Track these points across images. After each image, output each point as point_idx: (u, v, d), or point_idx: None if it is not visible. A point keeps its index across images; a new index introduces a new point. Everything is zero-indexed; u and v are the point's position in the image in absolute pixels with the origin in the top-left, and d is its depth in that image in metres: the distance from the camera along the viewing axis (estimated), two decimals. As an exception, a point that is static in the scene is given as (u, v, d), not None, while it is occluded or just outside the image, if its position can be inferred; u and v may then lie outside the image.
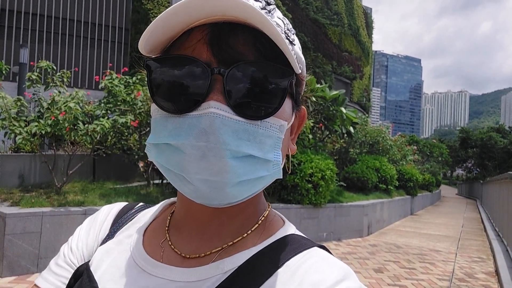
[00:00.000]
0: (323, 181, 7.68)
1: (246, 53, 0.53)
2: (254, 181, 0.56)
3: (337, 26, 21.82)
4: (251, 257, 0.59)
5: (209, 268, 0.58)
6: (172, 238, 0.65)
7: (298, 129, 0.67)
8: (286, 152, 0.62)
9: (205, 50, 0.54)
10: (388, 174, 11.62)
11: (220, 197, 0.55)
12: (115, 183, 7.40)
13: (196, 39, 0.55)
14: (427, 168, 21.00)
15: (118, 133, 6.85)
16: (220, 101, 0.52)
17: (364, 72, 24.85)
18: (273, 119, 0.55)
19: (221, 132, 0.51)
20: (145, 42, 0.55)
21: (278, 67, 0.54)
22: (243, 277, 0.56)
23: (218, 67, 0.53)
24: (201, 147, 0.51)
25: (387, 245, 8.62)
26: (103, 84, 6.66)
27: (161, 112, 0.56)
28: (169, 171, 0.56)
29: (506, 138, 36.23)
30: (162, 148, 0.56)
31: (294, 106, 0.62)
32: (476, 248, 9.21)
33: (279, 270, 0.57)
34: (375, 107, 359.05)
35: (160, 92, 0.56)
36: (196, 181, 0.53)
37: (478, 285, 6.01)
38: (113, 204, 0.79)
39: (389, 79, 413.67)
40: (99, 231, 0.73)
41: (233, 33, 0.54)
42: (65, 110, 5.38)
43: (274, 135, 0.55)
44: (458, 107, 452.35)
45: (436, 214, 16.15)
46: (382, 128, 13.50)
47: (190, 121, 0.52)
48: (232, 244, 0.61)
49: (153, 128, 0.58)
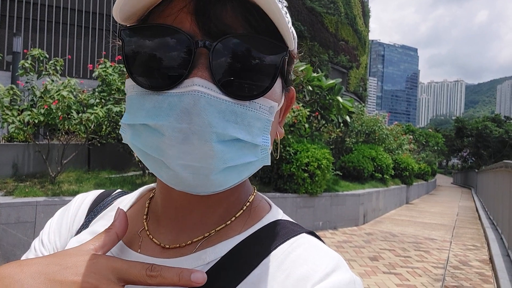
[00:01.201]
0: (319, 170, 7.68)
1: (235, 26, 0.48)
2: (241, 167, 0.51)
3: (334, 15, 21.68)
4: (235, 246, 0.54)
5: (190, 259, 0.54)
6: (150, 227, 0.61)
7: (286, 111, 0.61)
8: (274, 136, 0.57)
9: (189, 20, 0.48)
10: (384, 163, 11.65)
11: (204, 185, 0.50)
12: (110, 172, 7.37)
13: (178, 7, 0.48)
14: (422, 157, 21.07)
15: (113, 122, 6.80)
16: (206, 78, 0.47)
17: (361, 61, 24.79)
18: (263, 100, 0.50)
19: (206, 113, 0.45)
20: (120, 8, 0.49)
21: (271, 42, 0.49)
22: (227, 269, 0.52)
23: (204, 39, 0.47)
24: (183, 129, 0.45)
25: (383, 234, 8.67)
26: (96, 72, 6.59)
27: (137, 89, 0.50)
28: (146, 155, 0.51)
29: (501, 128, 36.39)
30: (138, 130, 0.50)
31: (284, 86, 0.57)
32: (470, 236, 9.29)
33: (265, 260, 0.53)
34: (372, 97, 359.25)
35: (136, 66, 0.50)
36: (177, 167, 0.48)
37: (472, 273, 6.06)
38: (88, 192, 0.74)
39: (385, 69, 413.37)
40: (72, 222, 0.69)
41: (221, 2, 0.48)
42: (58, 98, 5.33)
43: (264, 118, 0.51)
44: (454, 97, 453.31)
45: (432, 203, 16.26)
46: (378, 118, 13.50)
47: (171, 100, 0.46)
48: (215, 232, 0.57)
49: (128, 107, 0.52)
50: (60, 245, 0.67)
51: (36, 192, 5.25)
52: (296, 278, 0.50)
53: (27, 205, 4.88)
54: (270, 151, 0.54)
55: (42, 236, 0.69)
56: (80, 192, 5.71)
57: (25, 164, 6.54)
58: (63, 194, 5.38)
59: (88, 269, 0.43)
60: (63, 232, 0.68)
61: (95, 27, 10.77)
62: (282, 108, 0.59)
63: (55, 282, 0.43)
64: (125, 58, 0.51)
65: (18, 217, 4.80)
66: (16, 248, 4.77)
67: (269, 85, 0.50)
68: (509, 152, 34.43)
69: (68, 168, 6.52)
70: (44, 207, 4.99)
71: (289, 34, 0.49)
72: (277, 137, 0.59)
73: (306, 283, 0.49)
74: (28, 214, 4.87)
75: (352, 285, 0.50)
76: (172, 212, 0.59)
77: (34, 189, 5.35)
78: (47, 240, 0.68)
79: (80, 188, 5.70)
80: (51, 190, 5.44)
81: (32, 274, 0.43)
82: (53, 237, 0.68)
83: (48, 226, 0.71)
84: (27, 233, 4.84)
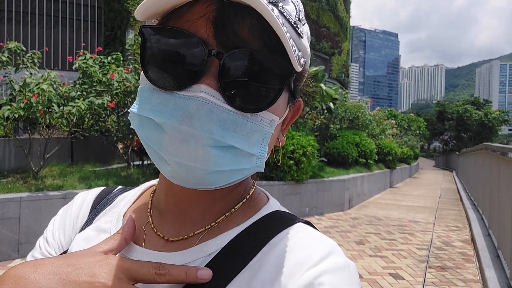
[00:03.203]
0: (304, 157, 7.74)
1: (249, 40, 0.50)
2: (234, 171, 0.54)
3: (315, 1, 21.61)
4: (235, 237, 0.57)
5: (192, 251, 0.57)
6: (154, 220, 0.63)
7: (291, 120, 0.64)
8: (273, 145, 0.60)
9: (207, 28, 0.50)
10: (367, 148, 11.78)
11: (195, 181, 0.53)
12: (94, 165, 7.29)
13: (199, 14, 0.51)
14: (405, 141, 21.35)
15: (95, 115, 6.69)
16: (213, 86, 0.49)
17: (343, 47, 24.83)
18: (265, 113, 0.53)
19: (207, 119, 0.48)
20: (144, 9, 0.51)
21: (279, 62, 0.51)
22: (228, 259, 0.55)
23: (217, 49, 0.50)
24: (183, 130, 0.48)
25: (368, 218, 8.82)
26: (77, 64, 6.47)
27: (148, 83, 0.53)
28: (148, 146, 0.54)
29: (480, 111, 37.10)
30: (144, 121, 0.53)
31: (290, 99, 0.59)
32: (453, 217, 9.52)
33: (264, 248, 0.55)
34: (354, 83, 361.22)
35: (150, 63, 0.53)
36: (174, 163, 0.51)
37: (455, 253, 6.23)
38: (90, 190, 0.76)
39: (367, 55, 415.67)
40: (76, 219, 0.71)
41: (240, 16, 0.50)
42: (38, 92, 5.22)
43: (263, 130, 0.53)
44: (435, 81, 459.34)
45: (415, 186, 16.56)
46: (361, 104, 13.60)
47: (177, 101, 0.49)
48: (216, 224, 0.59)
49: (139, 96, 0.55)
50: (65, 242, 0.68)
51: (19, 188, 5.17)
52: (293, 263, 0.53)
53: (11, 201, 4.81)
54: (266, 159, 0.57)
55: (46, 234, 0.71)
56: (64, 186, 5.62)
57: (6, 159, 6.41)
58: (46, 189, 5.31)
59: (99, 270, 0.45)
60: (67, 229, 0.70)
61: (73, 17, 10.51)
62: (287, 118, 0.62)
63: (68, 282, 0.45)
64: (141, 54, 0.53)
65: (2, 213, 4.73)
66: (2, 245, 4.70)
67: (271, 101, 0.52)
68: (489, 134, 35.22)
69: (50, 162, 6.42)
70: (28, 202, 4.93)
71: (293, 58, 0.50)
72: (278, 144, 0.62)
73: (302, 267, 0.52)
74: (12, 210, 4.80)
75: (346, 269, 0.53)
76: (174, 206, 0.61)
77: (17, 185, 5.26)
78: (51, 238, 0.69)
79: (64, 182, 5.63)
80: (34, 185, 5.35)
81: (46, 274, 0.45)
82: (57, 234, 0.69)
83: (52, 224, 0.72)
84: (13, 229, 4.77)
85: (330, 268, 0.51)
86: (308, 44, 0.58)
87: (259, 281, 0.53)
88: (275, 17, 0.47)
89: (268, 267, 0.53)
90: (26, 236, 4.85)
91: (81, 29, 10.59)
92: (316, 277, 0.50)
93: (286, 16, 0.52)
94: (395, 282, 4.79)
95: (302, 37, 0.55)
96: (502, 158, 5.80)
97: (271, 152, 0.62)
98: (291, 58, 0.50)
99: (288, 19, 0.53)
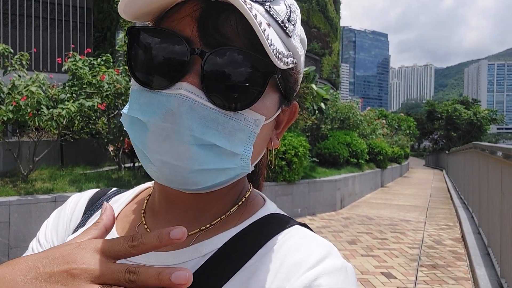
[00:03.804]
0: (296, 158, 7.75)
1: (233, 39, 0.50)
2: (218, 171, 0.53)
3: (305, 2, 21.68)
4: (231, 238, 0.57)
5: (187, 251, 0.56)
6: (148, 221, 0.62)
7: (287, 124, 0.64)
8: (264, 147, 0.60)
9: (191, 27, 0.51)
10: (358, 148, 11.84)
11: (179, 181, 0.53)
12: (84, 168, 7.23)
13: (185, 13, 0.51)
14: (395, 141, 21.48)
15: (85, 117, 6.64)
16: (195, 84, 0.49)
17: (333, 48, 24.92)
18: (249, 112, 0.52)
19: (187, 116, 0.48)
20: (124, 6, 0.51)
21: (262, 60, 0.51)
22: (223, 260, 0.54)
23: (200, 48, 0.50)
24: (166, 128, 0.49)
25: (360, 218, 8.86)
26: (66, 66, 6.40)
27: (136, 84, 0.53)
28: (136, 146, 0.55)
29: (469, 110, 37.49)
30: (133, 121, 0.54)
31: (283, 101, 0.59)
32: (443, 216, 9.60)
33: (260, 250, 0.55)
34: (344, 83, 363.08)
35: (137, 64, 0.53)
36: (157, 162, 0.51)
37: (446, 251, 6.28)
38: (83, 192, 0.76)
39: (357, 55, 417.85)
40: (69, 221, 0.70)
41: (224, 14, 0.50)
42: (27, 94, 5.16)
43: (247, 129, 0.53)
44: (424, 81, 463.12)
45: (405, 185, 16.68)
46: (352, 104, 13.66)
47: (160, 99, 0.50)
48: (211, 226, 0.59)
49: (130, 98, 0.55)
50: (58, 243, 0.67)
51: (9, 192, 5.11)
52: (290, 265, 0.53)
53: (0, 205, 4.74)
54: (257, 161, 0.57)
55: (39, 236, 0.70)
56: (55, 189, 5.56)
57: (-6, 163, 6.33)
58: (36, 192, 5.25)
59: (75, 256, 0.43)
60: (60, 231, 0.69)
61: (61, 19, 10.41)
62: (281, 121, 0.62)
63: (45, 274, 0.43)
64: (128, 55, 0.54)
65: (-9, 218, 4.66)
66: (-10, 250, 4.64)
67: (254, 100, 0.52)
68: (478, 133, 35.60)
69: (40, 165, 6.35)
70: (18, 206, 4.86)
71: (271, 53, 0.50)
72: (271, 147, 0.62)
73: (300, 269, 0.52)
74: (1, 214, 4.73)
75: (343, 271, 0.53)
76: (169, 208, 0.61)
77: (6, 189, 5.19)
78: (44, 240, 0.69)
79: (54, 185, 5.57)
80: (24, 189, 5.29)
81: (23, 271, 0.44)
82: (50, 236, 0.69)
83: (45, 226, 0.71)
84: (2, 234, 4.71)
85: (327, 270, 0.51)
86: (300, 45, 0.57)
87: (255, 283, 0.52)
88: (251, 14, 0.46)
89: (265, 269, 0.53)
90: (16, 240, 4.79)
91: (70, 30, 10.50)
92: (313, 279, 0.50)
93: (273, 15, 0.52)
94: (388, 281, 4.82)
95: (290, 36, 0.55)
96: (491, 157, 5.87)
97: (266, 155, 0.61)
98: (268, 53, 0.49)
99: (275, 18, 0.53)
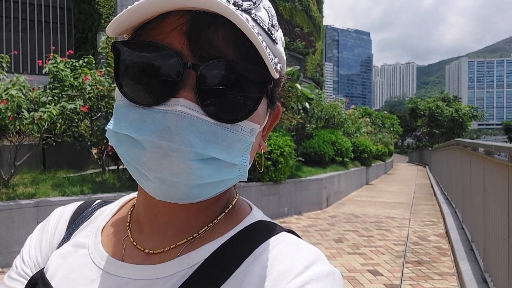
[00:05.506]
0: (282, 157, 7.77)
1: (224, 50, 0.49)
2: (218, 183, 0.53)
3: (288, 1, 21.74)
4: (218, 248, 0.56)
5: (174, 263, 0.55)
6: (133, 234, 0.61)
7: (271, 126, 0.64)
8: (255, 152, 0.60)
9: (181, 41, 0.49)
10: (343, 147, 11.94)
11: (179, 196, 0.52)
12: (68, 172, 7.11)
13: (171, 26, 0.50)
14: (379, 138, 21.72)
15: (68, 120, 6.53)
16: (191, 99, 0.49)
17: (317, 47, 25.05)
18: (245, 123, 0.52)
19: (187, 133, 0.48)
20: (116, 26, 0.50)
21: (257, 70, 0.50)
22: (211, 270, 0.54)
23: (192, 61, 0.49)
24: (164, 146, 0.47)
25: (346, 216, 8.93)
26: (47, 68, 6.29)
27: (124, 99, 0.51)
28: (128, 163, 0.53)
29: (451, 107, 38.08)
30: (122, 138, 0.51)
31: (269, 105, 0.59)
32: (427, 212, 9.74)
33: (248, 259, 0.55)
34: (328, 82, 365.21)
35: (125, 79, 0.51)
36: (156, 180, 0.50)
37: (431, 247, 6.37)
38: (67, 205, 0.74)
39: (340, 54, 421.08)
40: (53, 236, 0.68)
41: (213, 26, 0.49)
42: (7, 98, 5.05)
43: (244, 139, 0.53)
44: (407, 78, 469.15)
45: (390, 183, 16.87)
46: (337, 103, 13.76)
47: (155, 116, 0.48)
48: (198, 236, 0.58)
49: (114, 113, 0.53)
50: (42, 259, 0.66)
51: (-11, 198, 4.99)
52: (278, 272, 0.53)
53: (-20, 212, 4.63)
54: (248, 168, 0.56)
55: (23, 253, 0.68)
56: (37, 194, 5.46)
57: (-26, 168, 6.18)
58: (18, 197, 5.14)
59: None
60: (44, 247, 0.67)
61: (41, 20, 10.22)
62: (267, 124, 0.61)
63: None
64: (115, 70, 0.52)
65: (-29, 225, 4.55)
66: (-29, 258, 4.53)
67: (251, 110, 0.52)
68: (459, 130, 36.19)
69: (22, 170, 6.23)
70: (-1, 212, 4.76)
71: (270, 65, 0.50)
72: (260, 150, 0.61)
73: (287, 276, 0.52)
74: (-19, 221, 4.62)
75: (331, 277, 0.53)
76: (154, 219, 0.60)
77: (-14, 195, 5.07)
78: (27, 257, 0.67)
79: (36, 190, 5.46)
80: (5, 194, 5.18)
81: None
82: (33, 252, 0.67)
83: (28, 242, 0.69)
84: (-18, 241, 4.60)
85: (314, 277, 0.51)
86: (282, 49, 0.57)
87: None
88: (249, 26, 0.46)
89: (252, 278, 0.53)
90: (-3, 247, 4.69)
91: (51, 31, 10.32)
92: (301, 286, 0.50)
93: (260, 23, 0.52)
94: (374, 279, 4.86)
95: (276, 43, 0.55)
96: (473, 153, 5.97)
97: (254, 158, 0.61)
98: (268, 66, 0.50)
99: (262, 26, 0.52)
